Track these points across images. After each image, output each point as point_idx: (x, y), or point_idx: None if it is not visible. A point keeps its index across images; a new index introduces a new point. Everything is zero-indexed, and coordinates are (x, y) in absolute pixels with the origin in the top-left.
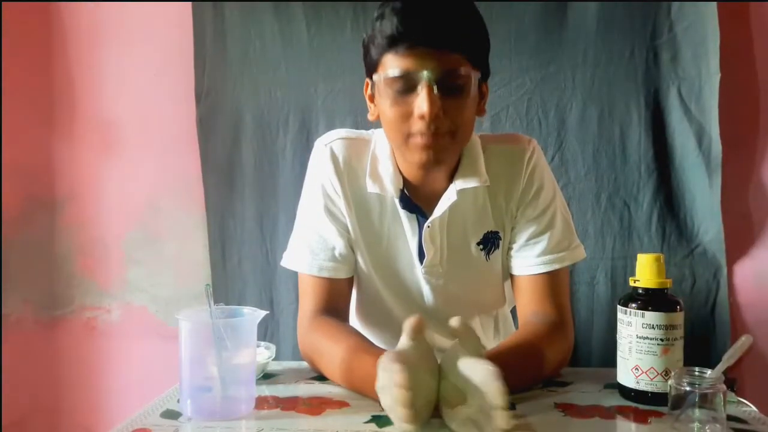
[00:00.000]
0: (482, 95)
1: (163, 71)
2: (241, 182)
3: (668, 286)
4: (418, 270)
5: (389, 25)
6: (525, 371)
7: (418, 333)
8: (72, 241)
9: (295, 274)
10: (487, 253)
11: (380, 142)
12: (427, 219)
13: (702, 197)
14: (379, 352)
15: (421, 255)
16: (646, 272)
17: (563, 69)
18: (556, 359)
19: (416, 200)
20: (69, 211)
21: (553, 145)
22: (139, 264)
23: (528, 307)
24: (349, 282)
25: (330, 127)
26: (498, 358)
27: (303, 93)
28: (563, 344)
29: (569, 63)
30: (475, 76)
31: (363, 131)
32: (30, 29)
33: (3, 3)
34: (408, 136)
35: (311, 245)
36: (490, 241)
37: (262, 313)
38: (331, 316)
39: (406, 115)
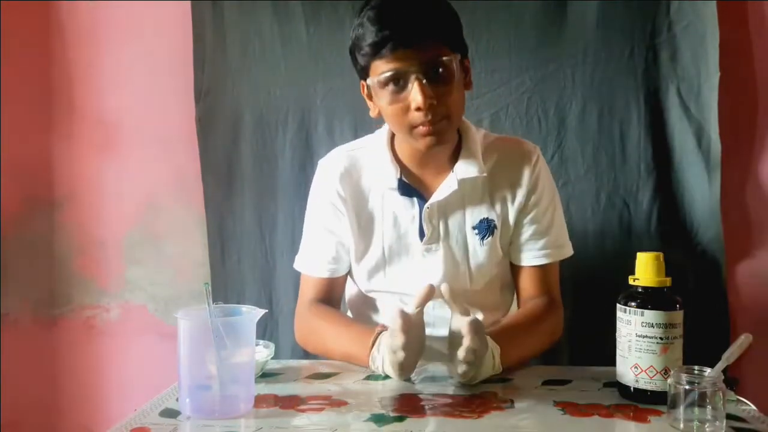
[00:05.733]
0: (466, 71)
1: (162, 70)
2: (241, 181)
3: (668, 284)
4: (418, 250)
5: (370, 34)
6: (526, 345)
7: (423, 303)
8: (71, 240)
9: (294, 273)
10: (482, 238)
11: (375, 142)
12: (426, 201)
13: (701, 196)
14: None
15: (422, 235)
16: (645, 271)
17: (563, 68)
18: (551, 332)
19: (415, 185)
20: (68, 211)
21: (553, 143)
22: (138, 263)
23: (528, 291)
24: (345, 277)
25: (329, 125)
26: (504, 333)
27: (302, 92)
28: (556, 320)
29: (569, 62)
30: (455, 59)
31: (357, 141)
32: (29, 28)
33: (2, 2)
34: (411, 127)
35: (316, 250)
36: (485, 227)
37: (261, 311)
38: (326, 305)
39: (404, 110)
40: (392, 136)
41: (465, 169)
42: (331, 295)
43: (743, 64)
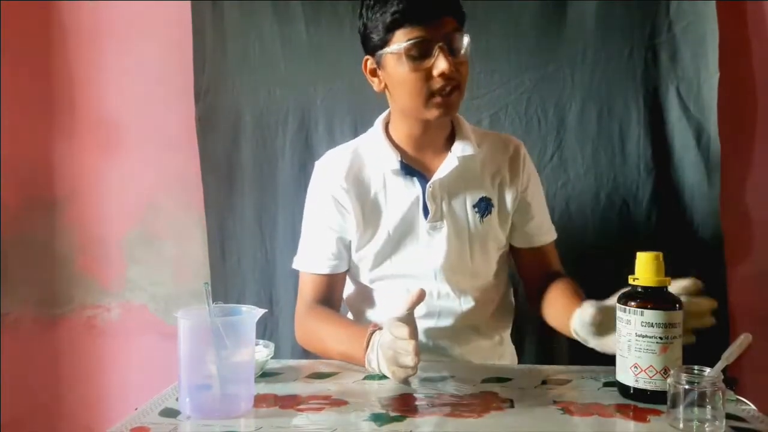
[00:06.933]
0: None
1: (163, 70)
2: (241, 181)
3: (667, 284)
4: (423, 229)
5: (396, 5)
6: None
7: (414, 305)
8: (72, 240)
9: (294, 272)
10: (481, 216)
11: (369, 136)
12: (428, 181)
13: (701, 196)
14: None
15: (426, 213)
16: (645, 270)
17: (562, 68)
18: None
19: (416, 167)
20: (69, 210)
21: (553, 143)
22: (138, 263)
23: (549, 267)
24: (344, 275)
25: (329, 125)
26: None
27: (302, 92)
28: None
29: (568, 62)
30: (467, 38)
31: (350, 142)
32: (30, 28)
33: (2, 2)
34: (429, 95)
35: (316, 247)
36: (483, 206)
37: (261, 311)
38: (325, 306)
39: (425, 78)
40: (386, 125)
41: (462, 148)
42: (330, 294)
43: (743, 64)
